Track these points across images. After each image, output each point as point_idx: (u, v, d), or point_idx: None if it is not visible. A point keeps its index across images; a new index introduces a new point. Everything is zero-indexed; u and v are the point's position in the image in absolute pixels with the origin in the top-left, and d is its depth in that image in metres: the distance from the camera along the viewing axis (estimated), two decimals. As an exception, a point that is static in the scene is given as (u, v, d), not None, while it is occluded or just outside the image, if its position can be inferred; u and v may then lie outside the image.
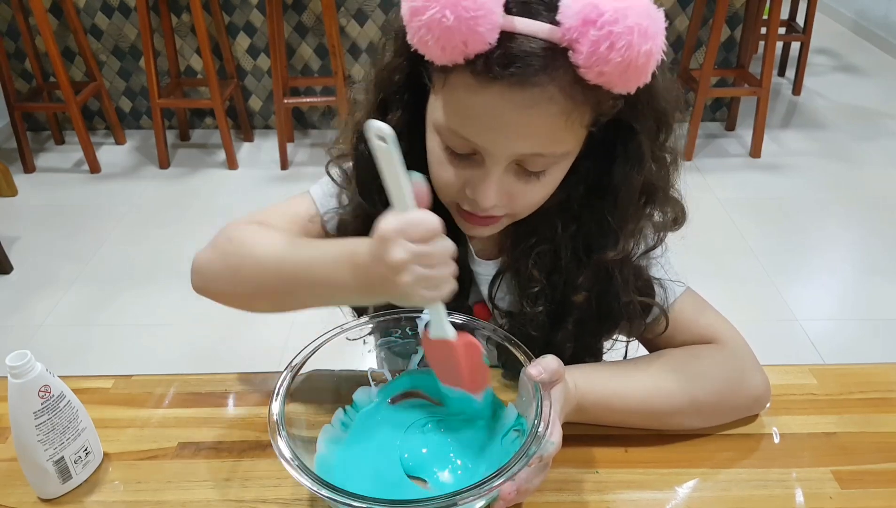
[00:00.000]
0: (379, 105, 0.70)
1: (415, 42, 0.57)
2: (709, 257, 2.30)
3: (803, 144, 3.09)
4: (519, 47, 0.55)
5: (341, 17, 2.93)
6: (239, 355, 1.94)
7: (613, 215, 0.68)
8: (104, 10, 2.98)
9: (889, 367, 0.82)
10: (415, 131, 0.67)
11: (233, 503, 0.66)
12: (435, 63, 0.58)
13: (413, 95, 0.67)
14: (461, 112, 0.60)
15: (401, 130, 0.67)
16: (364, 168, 0.72)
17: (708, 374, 0.72)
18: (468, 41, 0.54)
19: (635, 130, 0.63)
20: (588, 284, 0.72)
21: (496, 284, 0.78)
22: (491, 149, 0.61)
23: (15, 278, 2.30)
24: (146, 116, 3.21)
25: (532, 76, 0.55)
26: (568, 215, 0.71)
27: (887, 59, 4.10)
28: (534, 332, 0.74)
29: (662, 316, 0.74)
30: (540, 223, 0.71)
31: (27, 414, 0.62)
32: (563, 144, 0.61)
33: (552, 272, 0.73)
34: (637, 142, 0.64)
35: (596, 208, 0.69)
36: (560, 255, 0.72)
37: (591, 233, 0.71)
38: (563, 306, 0.74)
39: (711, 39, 2.69)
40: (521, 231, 0.73)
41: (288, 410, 0.61)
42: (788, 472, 0.68)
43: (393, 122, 0.67)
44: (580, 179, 0.68)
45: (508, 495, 0.57)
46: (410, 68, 0.65)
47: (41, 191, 2.80)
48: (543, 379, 0.60)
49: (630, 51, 0.52)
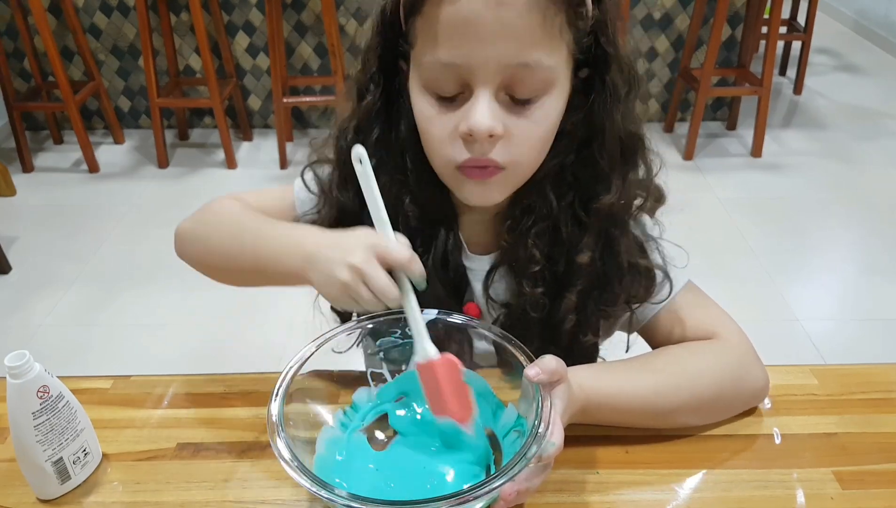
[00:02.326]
0: (357, 94, 0.73)
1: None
2: (709, 257, 2.29)
3: (804, 144, 3.08)
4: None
5: (340, 17, 2.93)
6: (239, 355, 1.94)
7: (602, 155, 0.70)
8: (103, 10, 2.98)
9: (890, 367, 0.82)
10: (388, 118, 0.72)
11: (232, 503, 0.66)
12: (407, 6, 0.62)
13: (386, 78, 0.71)
14: (440, 33, 0.62)
15: (375, 113, 0.72)
16: (343, 161, 0.75)
17: (709, 371, 0.72)
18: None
19: (609, 58, 0.66)
20: (591, 242, 0.73)
21: (491, 278, 0.78)
22: (475, 63, 0.62)
23: (14, 278, 2.30)
24: (145, 115, 3.21)
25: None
26: (563, 185, 0.72)
27: (888, 58, 4.10)
28: (534, 313, 0.74)
29: (666, 281, 0.75)
30: (536, 199, 0.72)
31: (26, 415, 0.62)
32: (543, 52, 0.62)
33: (553, 247, 0.74)
34: (612, 75, 0.67)
35: (586, 156, 0.71)
36: (560, 228, 0.73)
37: (586, 184, 0.72)
38: (565, 276, 0.74)
39: (712, 39, 2.69)
40: (517, 215, 0.73)
41: (288, 410, 0.60)
42: (789, 472, 0.68)
43: (368, 105, 0.72)
44: (570, 144, 0.70)
45: (509, 495, 0.57)
46: (385, 47, 0.69)
47: (40, 191, 2.80)
48: (542, 380, 0.60)
49: None
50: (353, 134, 0.73)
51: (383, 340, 0.71)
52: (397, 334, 0.70)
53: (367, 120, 0.73)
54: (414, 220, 0.75)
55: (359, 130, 0.73)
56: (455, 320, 0.69)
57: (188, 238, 0.80)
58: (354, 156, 0.61)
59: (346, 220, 0.75)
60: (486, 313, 0.79)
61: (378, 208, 0.61)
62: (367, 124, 0.73)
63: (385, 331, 0.70)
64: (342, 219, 0.76)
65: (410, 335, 0.70)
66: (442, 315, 0.69)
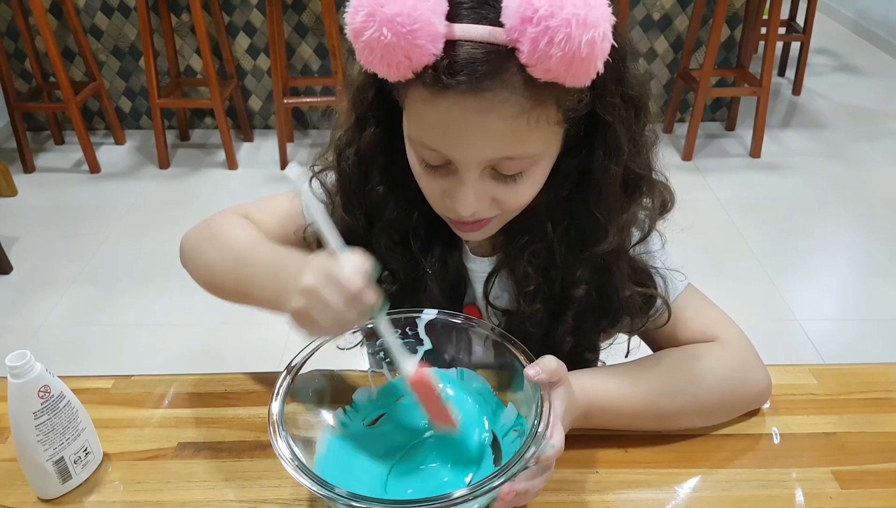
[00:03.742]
0: (356, 123, 0.71)
1: (363, 62, 0.57)
2: (709, 257, 2.30)
3: (803, 144, 3.09)
4: (464, 54, 0.55)
5: (341, 17, 2.92)
6: (239, 355, 1.94)
7: (599, 208, 0.68)
8: (104, 10, 2.98)
9: (889, 367, 0.82)
10: (393, 145, 0.68)
11: (232, 503, 0.66)
12: (389, 81, 0.58)
13: (386, 111, 0.67)
14: (423, 124, 0.61)
15: (377, 145, 0.70)
16: (346, 184, 0.74)
17: (711, 373, 0.72)
18: (411, 55, 0.54)
19: (609, 121, 0.63)
20: (586, 277, 0.72)
21: (491, 281, 0.78)
22: (458, 157, 0.61)
23: (15, 278, 2.30)
24: (146, 116, 3.22)
25: (482, 81, 0.55)
26: (557, 214, 0.71)
27: (887, 59, 4.10)
28: (532, 329, 0.74)
29: (665, 309, 0.74)
30: (530, 223, 0.71)
31: (27, 414, 0.62)
32: (530, 145, 0.60)
33: (548, 269, 0.73)
34: (613, 133, 0.64)
35: (582, 203, 0.69)
36: (554, 252, 0.72)
37: (581, 228, 0.70)
38: (562, 300, 0.74)
39: (711, 39, 2.69)
40: (512, 230, 0.73)
41: (288, 410, 0.61)
42: (788, 472, 0.68)
43: (369, 137, 0.70)
44: (564, 179, 0.68)
45: (507, 495, 0.57)
46: (379, 87, 0.66)
47: (41, 191, 2.80)
48: (541, 379, 0.60)
49: (570, 43, 0.51)
50: (354, 159, 0.72)
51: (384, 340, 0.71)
52: (398, 334, 0.70)
53: (370, 151, 0.71)
54: (417, 219, 0.74)
55: (361, 158, 0.72)
56: (456, 320, 0.69)
57: (186, 252, 0.80)
58: (291, 183, 0.58)
59: (352, 243, 0.74)
60: (486, 317, 0.79)
61: (329, 228, 0.58)
62: (371, 155, 0.71)
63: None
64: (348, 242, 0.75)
65: (411, 335, 0.70)
66: (442, 315, 0.69)
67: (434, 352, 0.70)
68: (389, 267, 0.75)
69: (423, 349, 0.70)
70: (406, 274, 0.75)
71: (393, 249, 0.74)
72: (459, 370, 0.71)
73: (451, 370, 0.71)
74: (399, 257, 0.75)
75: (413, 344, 0.71)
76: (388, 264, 0.75)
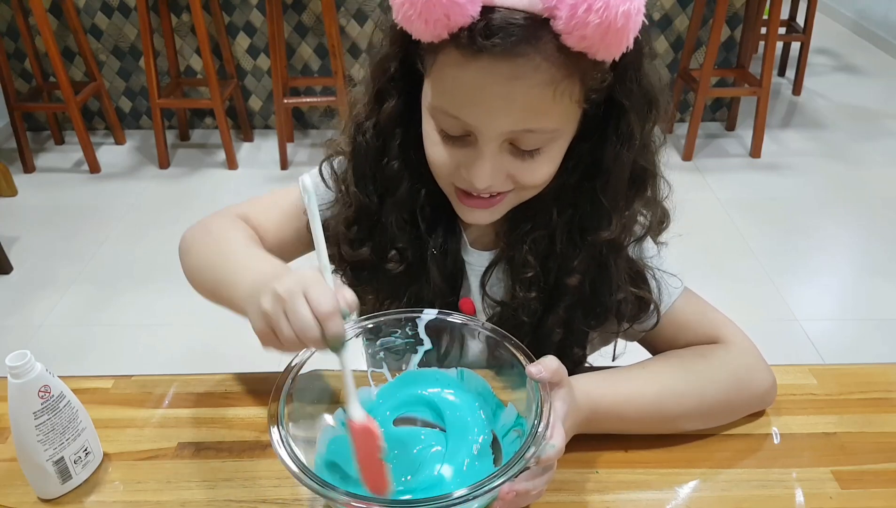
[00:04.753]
0: (376, 96, 0.71)
1: (400, 19, 0.58)
2: (709, 257, 2.30)
3: (803, 144, 3.09)
4: (501, 18, 0.56)
5: (341, 17, 2.93)
6: (239, 355, 1.93)
7: (606, 194, 0.69)
8: (104, 10, 2.98)
9: (889, 367, 0.82)
10: (411, 120, 0.69)
11: (233, 503, 0.66)
12: (423, 42, 0.59)
13: (407, 84, 0.68)
14: (451, 90, 0.61)
15: (396, 118, 0.70)
16: (362, 158, 0.74)
17: (715, 375, 0.72)
18: (450, 14, 0.55)
19: (625, 107, 0.64)
20: (582, 267, 0.73)
21: (489, 274, 0.78)
22: (481, 126, 0.61)
23: (15, 278, 2.30)
24: (146, 116, 3.21)
25: (516, 46, 0.56)
26: (564, 202, 0.72)
27: (887, 59, 4.10)
28: (525, 318, 0.75)
29: (654, 312, 0.75)
30: (537, 211, 0.72)
31: (27, 414, 0.62)
32: (552, 119, 0.62)
33: (547, 257, 0.74)
34: (627, 120, 0.65)
35: (590, 190, 0.70)
36: (555, 240, 0.73)
37: (585, 214, 0.71)
38: (556, 290, 0.74)
39: (711, 39, 2.69)
40: (518, 217, 0.74)
41: (288, 410, 0.60)
42: (788, 472, 0.68)
43: (388, 110, 0.70)
44: (576, 165, 0.69)
45: (507, 495, 0.57)
46: (404, 56, 0.67)
47: (41, 191, 2.80)
48: (543, 378, 0.60)
49: (608, 11, 0.53)
50: (372, 132, 0.72)
51: (384, 340, 0.71)
52: (398, 334, 0.70)
53: (389, 123, 0.71)
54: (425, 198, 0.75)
55: (379, 131, 0.72)
56: (455, 319, 0.69)
57: (181, 250, 0.81)
58: (302, 186, 0.57)
59: (363, 219, 0.75)
60: (481, 310, 0.79)
61: (320, 249, 0.57)
62: (389, 127, 0.72)
63: (386, 331, 0.71)
64: (359, 219, 0.76)
65: (412, 335, 0.70)
66: (442, 315, 0.69)
67: (434, 352, 0.70)
68: (397, 245, 0.76)
69: (423, 349, 0.70)
70: (413, 253, 0.76)
71: (402, 226, 0.75)
72: (459, 370, 0.71)
73: (451, 370, 0.71)
74: (407, 234, 0.75)
75: (413, 344, 0.71)
76: (397, 242, 0.76)
